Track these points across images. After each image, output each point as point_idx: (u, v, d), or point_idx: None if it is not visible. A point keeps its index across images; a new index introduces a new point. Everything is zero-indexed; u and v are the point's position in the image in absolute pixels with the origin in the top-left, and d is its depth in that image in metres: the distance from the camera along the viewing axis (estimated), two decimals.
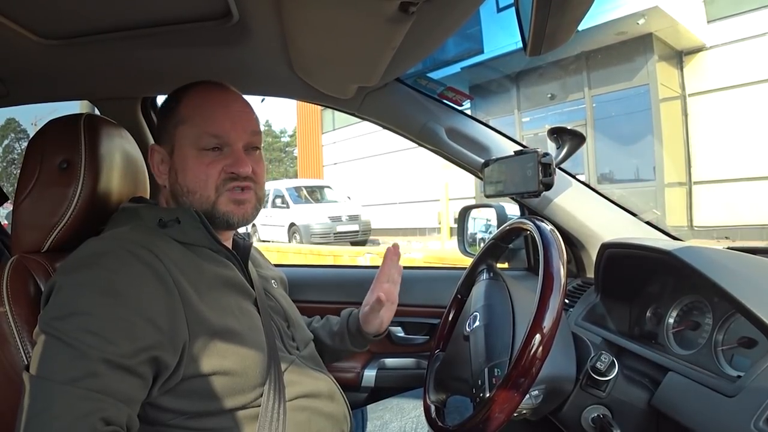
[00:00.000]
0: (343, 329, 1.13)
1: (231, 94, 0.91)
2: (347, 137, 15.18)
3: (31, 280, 0.81)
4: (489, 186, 1.21)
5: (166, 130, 0.89)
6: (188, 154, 0.86)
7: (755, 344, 0.77)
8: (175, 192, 0.89)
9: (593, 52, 8.80)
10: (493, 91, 10.60)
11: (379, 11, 0.71)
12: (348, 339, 1.13)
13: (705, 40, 8.18)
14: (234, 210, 0.88)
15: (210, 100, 0.88)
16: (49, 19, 0.92)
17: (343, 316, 1.17)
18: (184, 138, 0.87)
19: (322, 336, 1.15)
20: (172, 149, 0.89)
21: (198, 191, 0.86)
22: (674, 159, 8.34)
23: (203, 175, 0.86)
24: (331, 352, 1.15)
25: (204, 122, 0.86)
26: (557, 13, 0.54)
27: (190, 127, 0.87)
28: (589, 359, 0.83)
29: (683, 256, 0.84)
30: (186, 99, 0.89)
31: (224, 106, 0.88)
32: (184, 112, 0.88)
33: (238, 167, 0.86)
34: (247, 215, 0.89)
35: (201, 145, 0.86)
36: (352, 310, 1.16)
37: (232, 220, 0.88)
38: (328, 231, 11.63)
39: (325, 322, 1.19)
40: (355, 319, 1.13)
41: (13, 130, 31.18)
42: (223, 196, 0.87)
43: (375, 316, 1.09)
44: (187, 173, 0.87)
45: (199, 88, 0.90)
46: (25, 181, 0.86)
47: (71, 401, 0.63)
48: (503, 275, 1.00)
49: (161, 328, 0.71)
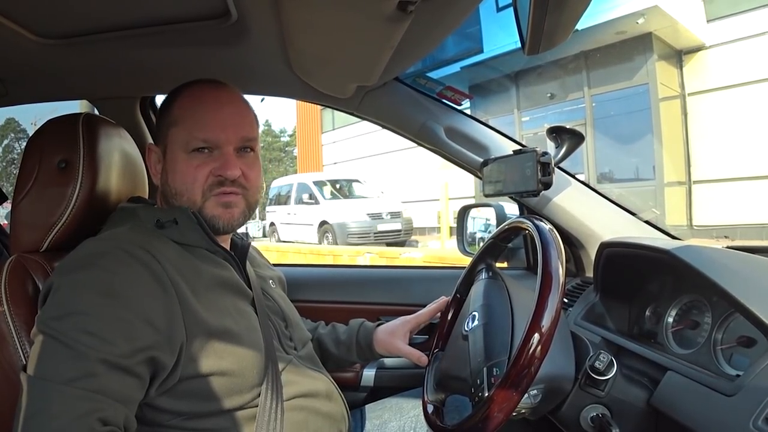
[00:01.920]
0: (352, 341, 1.13)
1: (225, 94, 0.90)
2: (347, 137, 15.17)
3: (29, 280, 0.80)
4: (488, 185, 1.21)
5: (161, 131, 0.90)
6: (178, 156, 0.86)
7: (754, 343, 0.77)
8: (166, 193, 0.89)
9: (593, 52, 8.79)
10: (492, 90, 10.59)
11: (377, 10, 0.71)
12: (355, 351, 1.12)
13: (704, 40, 8.18)
14: (221, 214, 0.86)
15: (202, 102, 0.87)
16: (48, 19, 0.92)
17: (353, 327, 1.15)
18: (175, 140, 0.86)
19: (328, 344, 1.14)
20: (164, 150, 0.89)
21: (185, 194, 0.86)
22: (674, 158, 8.34)
23: (191, 177, 0.85)
24: (335, 361, 1.14)
25: (194, 125, 0.85)
26: (555, 11, 0.54)
27: (181, 129, 0.86)
28: (588, 358, 0.83)
29: (682, 255, 0.84)
30: (179, 100, 0.89)
31: (216, 109, 0.87)
32: (176, 114, 0.87)
33: (225, 170, 0.85)
34: (233, 220, 0.88)
35: (190, 147, 0.85)
36: (363, 321, 1.15)
37: (218, 225, 0.87)
38: (367, 230, 10.25)
39: (331, 330, 1.18)
40: (366, 333, 1.12)
41: (13, 130, 31.15)
42: (210, 200, 0.86)
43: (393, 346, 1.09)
44: (176, 175, 0.86)
45: (194, 89, 0.89)
46: (23, 180, 0.86)
47: (69, 401, 0.63)
48: (502, 274, 1.00)
49: (159, 328, 0.71)
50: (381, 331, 1.11)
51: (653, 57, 8.26)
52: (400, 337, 1.09)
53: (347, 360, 1.14)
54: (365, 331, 1.12)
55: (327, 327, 1.19)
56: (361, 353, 1.12)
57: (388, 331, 1.11)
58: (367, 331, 1.12)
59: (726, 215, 7.67)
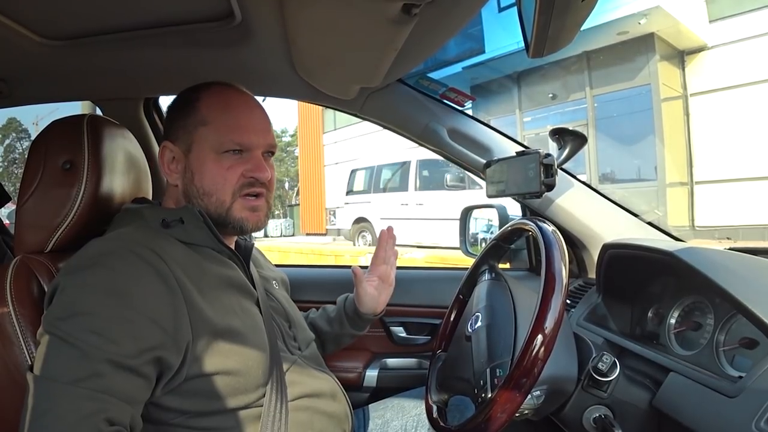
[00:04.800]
0: (341, 313, 1.16)
1: (250, 98, 0.91)
2: (348, 137, 15.15)
3: (34, 281, 0.81)
4: (491, 186, 1.21)
5: (185, 129, 0.88)
6: (207, 156, 0.86)
7: (756, 345, 0.77)
8: (189, 193, 0.88)
9: (595, 52, 8.77)
10: (494, 90, 10.57)
11: (381, 12, 0.71)
12: (347, 322, 1.16)
13: (707, 40, 8.16)
14: (249, 217, 0.88)
15: (232, 105, 0.88)
16: (52, 20, 0.92)
17: (339, 301, 1.20)
18: (205, 140, 0.86)
19: (321, 324, 1.18)
20: (188, 149, 0.87)
21: (214, 194, 0.86)
22: (676, 159, 8.32)
23: (221, 178, 0.86)
24: (332, 339, 1.18)
25: (227, 127, 0.86)
26: (560, 15, 0.54)
27: (213, 130, 0.86)
28: (590, 360, 0.84)
29: (685, 256, 0.84)
30: (207, 99, 0.88)
31: (248, 113, 0.88)
32: (206, 113, 0.87)
33: (258, 172, 0.87)
34: (260, 222, 0.90)
35: (223, 148, 0.85)
36: (347, 295, 1.19)
37: (246, 226, 0.88)
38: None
39: (321, 312, 1.22)
40: (351, 303, 1.16)
41: (15, 130, 31.20)
42: (238, 202, 0.87)
43: (370, 297, 1.12)
44: (205, 175, 0.86)
45: (221, 89, 0.90)
46: (28, 181, 0.86)
47: (75, 401, 0.63)
48: (505, 276, 1.00)
49: (165, 328, 0.71)
50: (354, 290, 1.15)
51: (655, 57, 8.24)
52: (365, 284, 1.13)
53: (342, 334, 1.18)
54: (350, 302, 1.16)
55: (317, 311, 1.23)
56: (352, 323, 1.16)
57: (360, 289, 1.13)
58: (351, 301, 1.16)
59: (728, 216, 7.65)
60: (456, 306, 1.09)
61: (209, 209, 0.86)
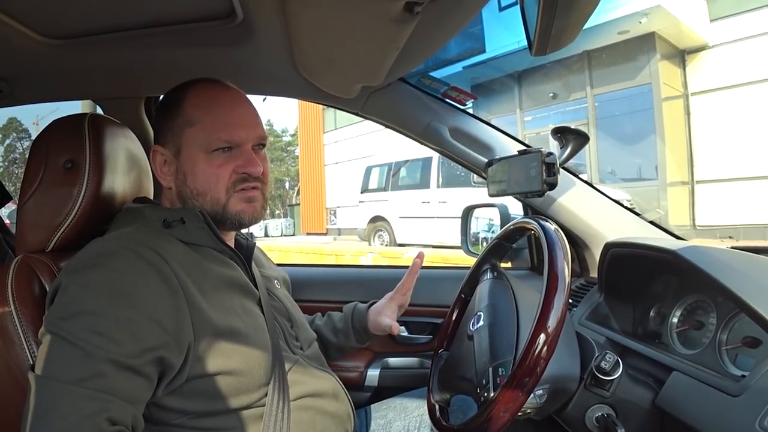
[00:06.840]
0: (348, 327, 1.16)
1: (235, 93, 0.90)
2: (349, 136, 15.15)
3: (35, 280, 0.81)
4: (492, 185, 1.21)
5: (173, 131, 0.87)
6: (197, 156, 0.85)
7: (759, 344, 0.77)
8: (184, 194, 0.88)
9: (595, 51, 8.77)
10: (495, 90, 10.56)
11: (384, 11, 0.71)
12: (353, 336, 1.16)
13: (708, 39, 8.15)
14: (245, 209, 0.87)
15: (218, 103, 0.87)
16: (52, 19, 0.92)
17: (347, 312, 1.18)
18: (193, 141, 0.86)
19: (326, 333, 1.17)
20: (178, 151, 0.87)
21: (208, 193, 0.86)
22: (677, 158, 8.32)
23: (214, 176, 0.85)
24: (335, 349, 1.18)
25: (214, 126, 0.85)
26: (564, 13, 0.54)
27: (200, 130, 0.85)
28: (593, 359, 0.83)
29: (687, 255, 0.84)
30: (191, 99, 0.87)
31: (233, 109, 0.87)
32: (192, 114, 0.86)
33: (249, 167, 0.86)
34: (257, 213, 0.89)
35: (212, 147, 0.85)
36: (355, 305, 1.18)
37: (243, 219, 0.88)
38: None
39: (327, 320, 1.21)
40: (359, 316, 1.15)
41: (15, 129, 31.23)
42: (233, 196, 0.86)
43: (386, 325, 1.10)
44: (197, 176, 0.86)
45: (204, 87, 0.89)
46: (29, 180, 0.86)
47: (77, 401, 0.63)
48: (507, 275, 1.00)
49: (166, 328, 0.71)
50: (372, 312, 1.15)
51: (656, 57, 8.23)
52: (389, 314, 1.12)
53: (347, 346, 1.18)
54: (359, 315, 1.16)
55: (323, 318, 1.22)
56: (359, 337, 1.16)
57: (377, 311, 1.14)
58: (360, 315, 1.16)
59: (729, 216, 7.65)
60: (458, 305, 1.09)
61: (206, 208, 0.86)
